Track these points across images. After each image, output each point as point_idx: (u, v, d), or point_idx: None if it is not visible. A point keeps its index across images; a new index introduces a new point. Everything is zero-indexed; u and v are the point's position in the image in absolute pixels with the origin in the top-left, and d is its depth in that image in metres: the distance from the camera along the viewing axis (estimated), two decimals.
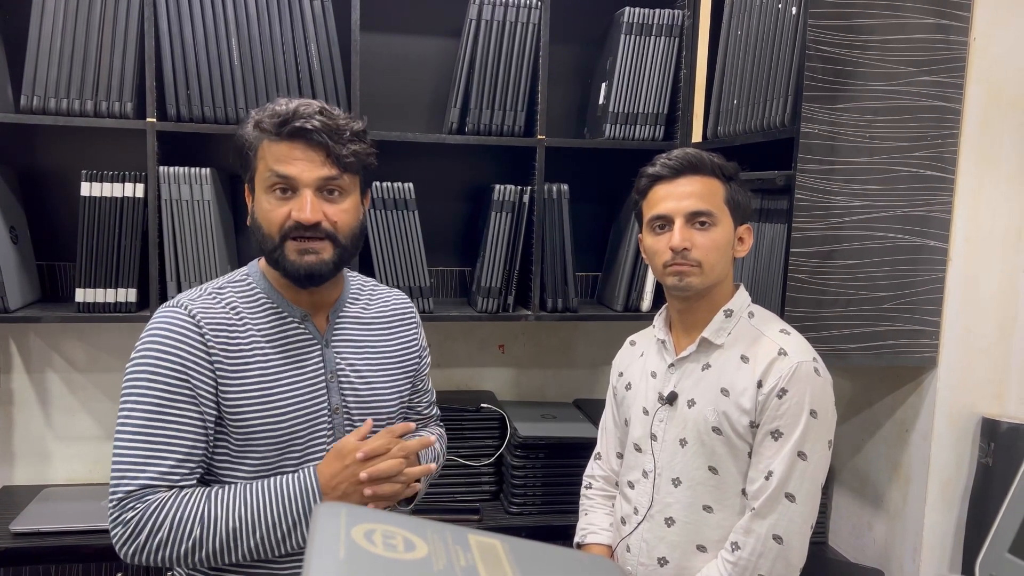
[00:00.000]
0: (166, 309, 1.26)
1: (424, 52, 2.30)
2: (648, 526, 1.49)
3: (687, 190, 1.42)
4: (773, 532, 1.35)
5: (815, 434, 1.36)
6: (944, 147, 1.65)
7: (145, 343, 1.24)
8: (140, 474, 1.19)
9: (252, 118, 1.28)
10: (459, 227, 2.39)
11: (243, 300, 1.30)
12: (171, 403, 1.21)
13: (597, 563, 0.61)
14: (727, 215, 1.43)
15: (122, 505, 1.18)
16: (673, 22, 2.19)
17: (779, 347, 1.39)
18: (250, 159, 1.27)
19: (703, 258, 1.41)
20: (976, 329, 1.70)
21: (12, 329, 2.19)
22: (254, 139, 1.26)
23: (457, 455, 2.19)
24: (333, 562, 0.49)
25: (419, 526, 0.56)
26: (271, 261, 1.28)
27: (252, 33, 1.96)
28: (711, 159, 1.43)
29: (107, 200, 1.92)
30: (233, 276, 1.34)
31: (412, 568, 0.51)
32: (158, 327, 1.24)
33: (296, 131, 1.22)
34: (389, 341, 1.43)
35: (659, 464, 1.49)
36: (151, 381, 1.21)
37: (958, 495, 1.72)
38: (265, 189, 1.24)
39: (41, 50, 1.88)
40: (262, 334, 1.28)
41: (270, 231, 1.24)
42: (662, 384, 1.51)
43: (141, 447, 1.19)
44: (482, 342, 2.48)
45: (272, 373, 1.27)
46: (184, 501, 1.19)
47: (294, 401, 1.28)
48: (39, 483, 2.22)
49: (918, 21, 1.61)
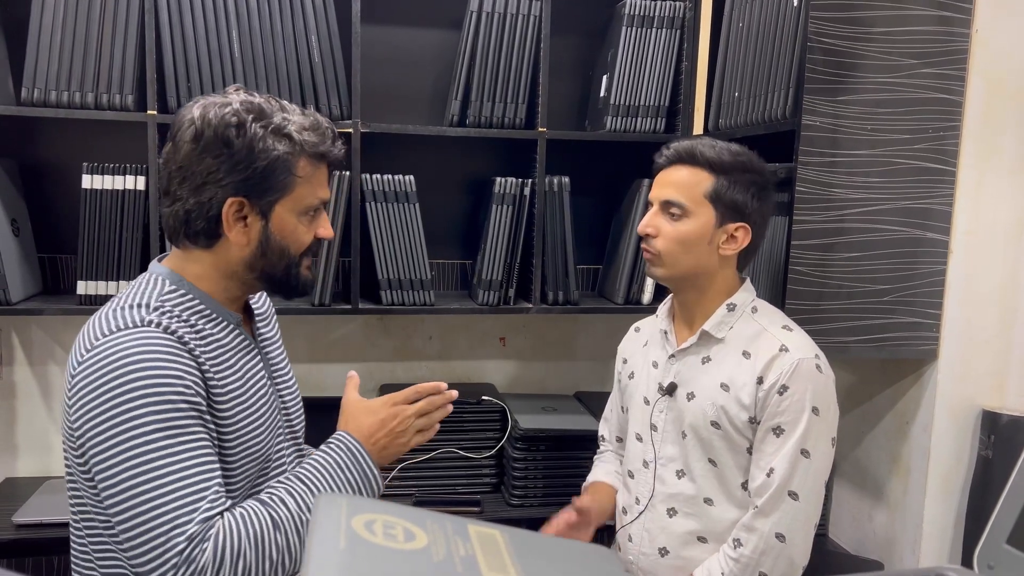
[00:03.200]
0: (136, 333, 1.08)
1: (425, 44, 2.30)
2: (649, 516, 1.50)
3: (672, 179, 1.44)
4: (776, 530, 1.35)
5: (817, 431, 1.36)
6: (946, 139, 1.65)
7: (130, 374, 1.05)
8: (194, 514, 1.04)
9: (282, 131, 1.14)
10: (460, 220, 2.39)
11: (190, 312, 1.16)
12: (189, 429, 1.08)
13: (595, 552, 0.62)
14: (707, 209, 1.41)
15: (187, 555, 1.02)
16: (674, 14, 2.18)
17: (781, 343, 1.39)
18: (284, 180, 1.15)
19: (663, 248, 1.43)
20: (977, 322, 1.70)
21: (14, 321, 2.19)
22: (296, 160, 1.15)
23: (458, 447, 2.19)
24: (333, 552, 0.49)
25: (419, 517, 0.56)
26: (282, 277, 1.21)
27: (252, 25, 1.96)
28: (710, 153, 1.41)
29: (108, 192, 1.92)
30: (159, 289, 1.16)
31: (412, 558, 0.51)
32: (140, 353, 1.06)
33: (337, 158, 1.22)
34: (275, 332, 1.39)
35: (659, 454, 1.49)
36: (162, 413, 1.05)
37: (958, 487, 1.72)
38: (299, 213, 1.18)
39: (42, 43, 1.88)
40: (222, 344, 1.18)
41: (297, 252, 1.20)
42: (662, 375, 1.52)
43: (183, 484, 1.04)
44: (483, 335, 2.48)
45: (240, 381, 1.19)
46: (247, 517, 1.07)
47: (262, 408, 1.22)
48: (42, 475, 2.23)
49: (920, 13, 1.61)
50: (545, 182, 2.15)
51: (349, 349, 2.40)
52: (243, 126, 1.12)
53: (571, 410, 2.33)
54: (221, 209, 1.14)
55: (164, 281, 1.17)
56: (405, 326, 2.43)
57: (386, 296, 2.11)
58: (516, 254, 2.16)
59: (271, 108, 1.16)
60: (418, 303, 2.13)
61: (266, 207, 1.16)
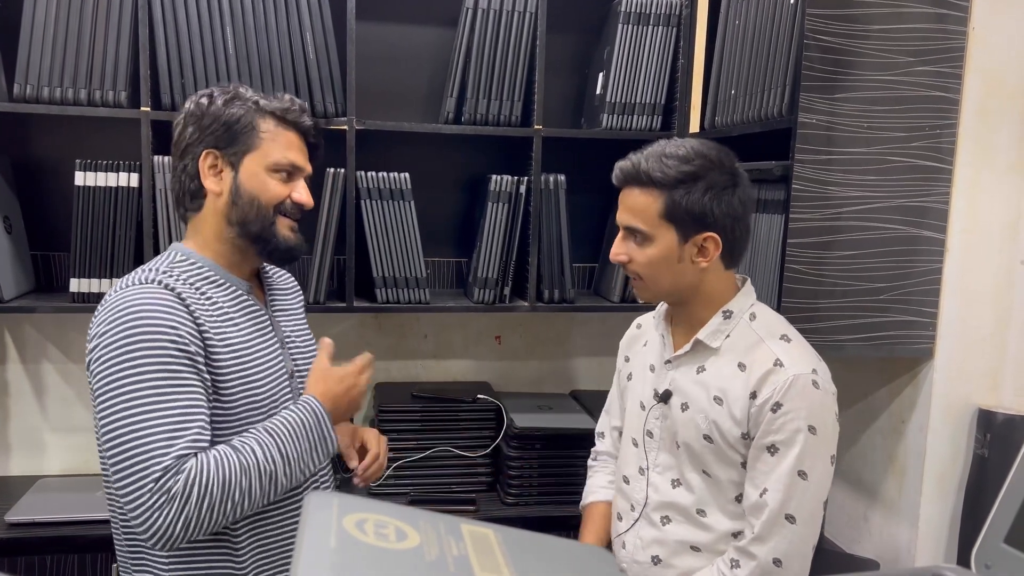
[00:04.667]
0: (139, 288, 1.24)
1: (420, 41, 2.29)
2: (643, 524, 1.48)
3: (627, 203, 1.39)
4: (773, 556, 1.31)
5: (815, 451, 1.31)
6: (942, 137, 1.65)
7: (129, 321, 1.20)
8: (171, 448, 1.17)
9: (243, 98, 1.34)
10: (456, 218, 2.39)
11: (197, 278, 1.32)
12: (179, 374, 1.21)
13: (589, 552, 0.61)
14: (666, 229, 1.35)
15: (160, 483, 1.15)
16: (671, 11, 2.18)
17: (776, 357, 1.33)
18: (246, 136, 1.32)
19: (641, 272, 1.40)
20: (972, 320, 1.70)
21: (7, 319, 2.18)
22: (255, 119, 1.32)
23: (453, 446, 2.19)
24: (324, 551, 0.49)
25: (412, 516, 0.56)
26: (260, 233, 1.34)
27: (247, 22, 1.95)
28: (655, 170, 1.33)
29: (101, 190, 1.91)
30: (171, 259, 1.34)
31: (403, 557, 0.50)
32: (141, 304, 1.21)
33: (308, 128, 1.37)
34: (298, 309, 1.55)
35: (656, 462, 1.47)
36: (152, 356, 1.19)
37: (954, 486, 1.72)
38: (268, 169, 1.33)
39: (35, 38, 1.87)
40: (229, 306, 1.33)
41: (267, 205, 1.33)
42: (658, 380, 1.49)
43: (165, 421, 1.18)
44: (479, 333, 2.48)
45: (245, 342, 1.32)
46: (220, 459, 1.19)
47: (267, 369, 1.35)
48: (34, 474, 2.22)
49: (917, 10, 1.61)
50: (541, 180, 2.15)
51: (344, 347, 2.35)
52: (212, 96, 1.34)
53: (566, 408, 2.32)
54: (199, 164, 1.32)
55: (177, 253, 1.35)
56: (400, 324, 2.42)
57: (381, 294, 2.11)
58: (512, 252, 2.16)
59: (245, 90, 1.35)
60: (413, 301, 2.13)
61: (234, 158, 1.33)
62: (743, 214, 1.38)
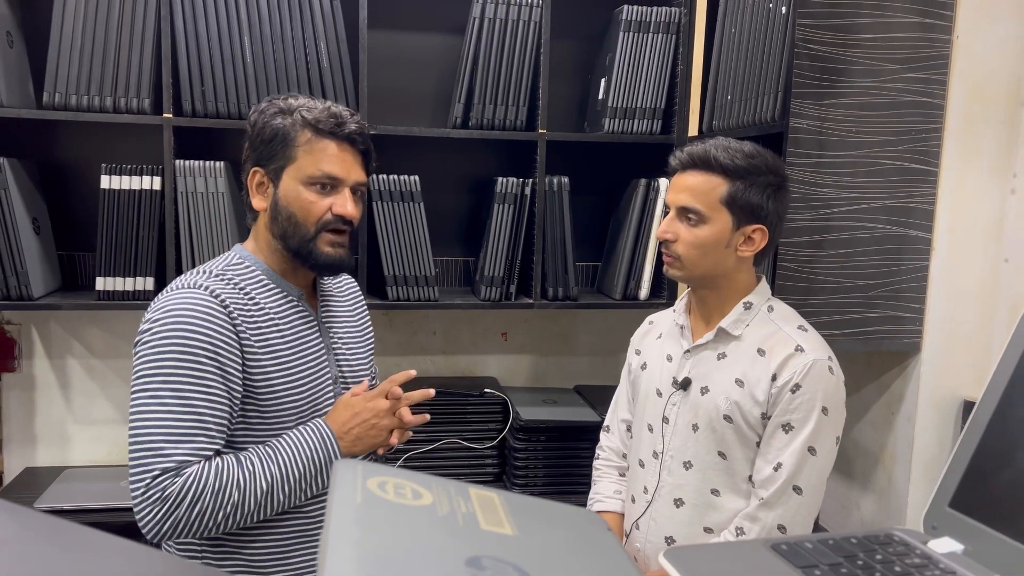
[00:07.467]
0: (186, 292, 1.28)
1: (429, 49, 2.36)
2: (657, 506, 1.53)
3: (687, 184, 1.45)
4: (779, 522, 1.39)
5: (825, 431, 1.40)
6: (928, 141, 1.71)
7: (169, 323, 1.25)
8: (176, 450, 1.21)
9: (288, 110, 1.34)
10: (463, 218, 2.46)
11: (249, 282, 1.35)
12: (202, 380, 1.24)
13: (582, 515, 0.69)
14: (723, 214, 1.42)
15: (158, 481, 1.20)
16: (670, 20, 2.24)
17: (796, 343, 1.42)
18: (284, 149, 1.33)
19: (683, 253, 1.45)
20: (958, 316, 1.76)
21: (34, 316, 2.27)
22: (295, 132, 1.33)
23: (461, 438, 2.26)
24: (352, 506, 0.57)
25: (425, 480, 0.64)
26: (298, 249, 1.35)
27: (264, 31, 2.03)
28: (724, 158, 1.41)
29: (125, 192, 1.99)
30: (228, 261, 1.38)
31: (419, 512, 0.58)
32: (183, 308, 1.26)
33: (348, 136, 1.35)
34: (355, 318, 1.56)
35: (670, 446, 1.52)
36: (181, 360, 1.23)
37: (940, 474, 1.79)
38: (305, 182, 1.34)
39: (63, 49, 1.94)
40: (275, 312, 1.36)
41: (306, 222, 1.34)
42: (677, 369, 1.54)
43: (175, 424, 1.22)
44: (485, 330, 2.55)
45: (289, 349, 1.36)
46: (220, 469, 1.24)
47: (309, 375, 1.38)
48: (60, 464, 2.30)
49: (903, 20, 1.67)
50: (545, 182, 2.21)
51: None
52: (262, 110, 1.36)
53: (570, 402, 2.39)
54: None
55: (235, 255, 1.39)
56: (410, 321, 2.50)
57: (392, 292, 2.17)
58: (517, 251, 2.22)
59: (295, 100, 1.36)
60: (422, 299, 2.19)
61: (274, 174, 1.35)
62: (784, 218, 1.49)
